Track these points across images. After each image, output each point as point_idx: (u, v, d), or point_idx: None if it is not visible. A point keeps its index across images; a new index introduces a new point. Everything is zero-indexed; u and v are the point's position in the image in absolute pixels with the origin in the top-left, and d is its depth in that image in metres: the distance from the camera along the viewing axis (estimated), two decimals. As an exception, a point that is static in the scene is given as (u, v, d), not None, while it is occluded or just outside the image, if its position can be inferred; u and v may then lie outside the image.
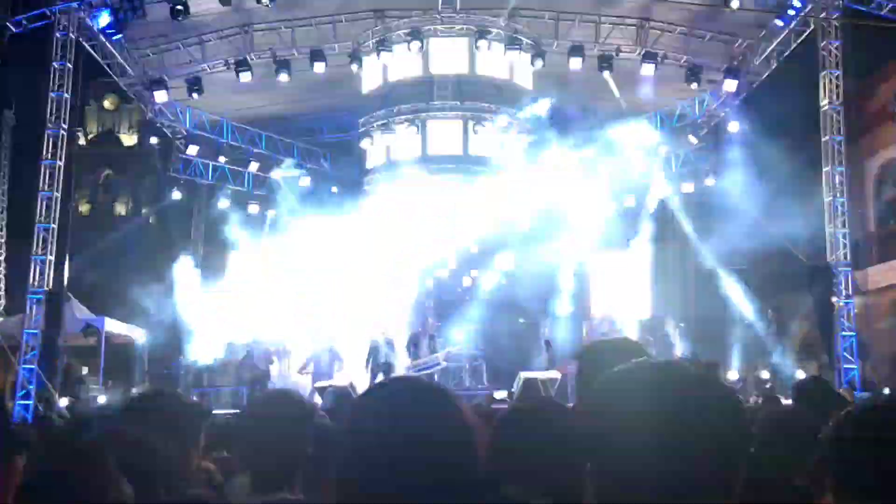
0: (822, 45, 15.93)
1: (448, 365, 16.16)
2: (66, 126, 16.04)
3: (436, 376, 15.52)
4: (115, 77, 18.80)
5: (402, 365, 15.89)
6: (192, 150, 20.86)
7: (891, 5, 16.06)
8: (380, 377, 14.87)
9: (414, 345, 15.97)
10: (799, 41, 17.38)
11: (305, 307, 19.23)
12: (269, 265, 20.05)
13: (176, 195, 21.79)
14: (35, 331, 15.06)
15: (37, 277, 15.37)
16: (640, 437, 1.25)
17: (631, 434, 1.26)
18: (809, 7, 16.44)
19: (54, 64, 15.82)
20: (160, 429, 2.55)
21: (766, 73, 18.48)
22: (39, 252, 15.47)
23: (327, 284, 19.88)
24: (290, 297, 19.33)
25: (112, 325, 18.89)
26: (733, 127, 18.96)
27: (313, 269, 20.27)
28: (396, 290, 18.83)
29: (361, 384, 14.36)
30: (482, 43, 18.79)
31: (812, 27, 16.48)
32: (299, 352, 18.35)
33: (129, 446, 2.15)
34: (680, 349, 17.34)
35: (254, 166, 22.02)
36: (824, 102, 15.84)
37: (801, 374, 16.15)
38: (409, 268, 19.52)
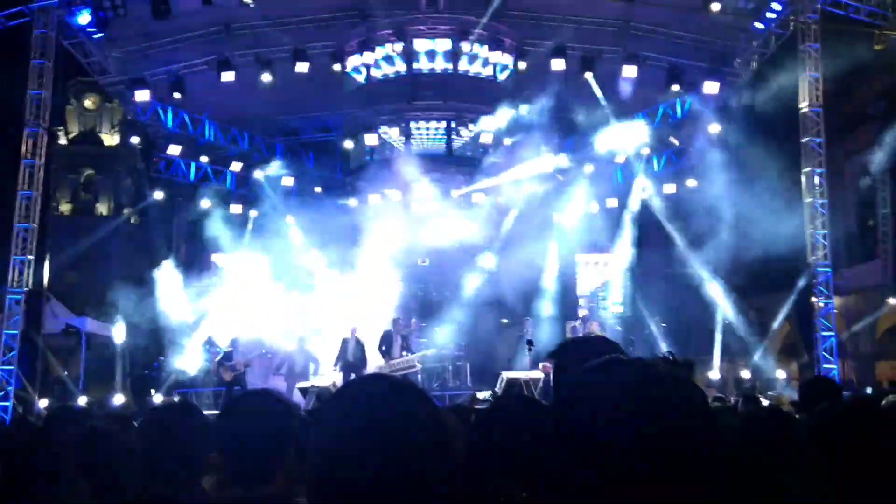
0: (802, 47, 16.07)
1: (424, 367, 16.01)
2: (45, 125, 15.90)
3: (419, 377, 15.47)
4: (95, 76, 18.66)
5: (374, 365, 15.68)
6: (174, 149, 20.73)
7: (868, 9, 16.26)
8: (351, 377, 14.78)
9: (386, 345, 15.73)
10: (779, 44, 17.54)
11: (288, 307, 19.18)
12: (251, 265, 19.97)
13: (157, 195, 21.66)
14: (14, 331, 14.92)
15: (16, 278, 15.23)
16: (607, 433, 1.26)
17: (598, 430, 1.27)
18: (788, 10, 16.60)
19: (33, 62, 15.66)
20: (180, 440, 2.56)
21: (747, 75, 18.62)
22: (19, 252, 15.33)
23: (310, 284, 19.85)
24: (273, 298, 19.27)
25: (92, 326, 18.77)
26: (714, 128, 19.09)
27: (297, 268, 20.23)
28: (381, 289, 18.80)
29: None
30: (465, 43, 18.82)
31: (791, 30, 16.63)
32: (278, 352, 18.28)
33: (98, 448, 2.14)
34: (662, 349, 17.45)
35: (236, 166, 21.92)
36: (804, 104, 15.98)
37: (781, 375, 16.29)
38: (393, 267, 19.52)
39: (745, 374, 16.02)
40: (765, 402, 9.72)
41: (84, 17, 16.43)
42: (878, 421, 1.80)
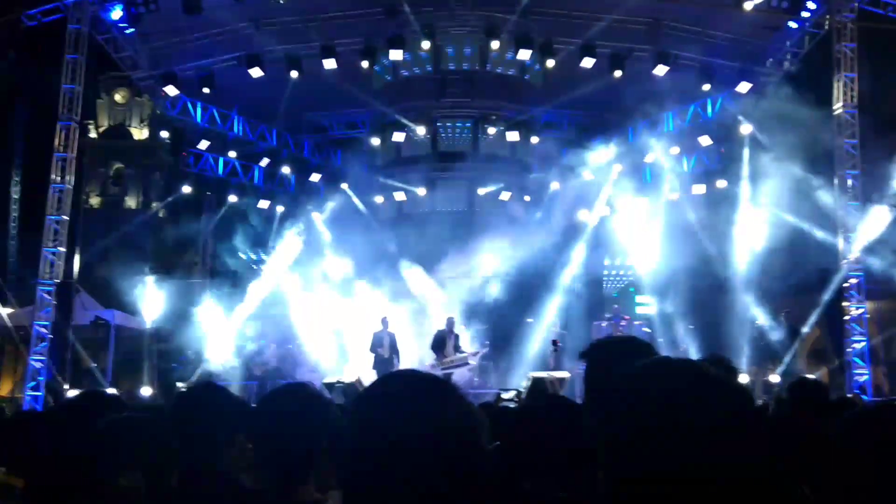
0: (837, 47, 15.79)
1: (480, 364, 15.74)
2: (77, 119, 16.10)
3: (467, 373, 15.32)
4: (126, 71, 18.85)
5: (426, 362, 15.42)
6: (203, 144, 20.91)
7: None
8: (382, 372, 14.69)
9: (439, 343, 15.27)
10: (813, 43, 17.26)
11: (318, 302, 19.22)
12: (279, 260, 20.04)
13: (186, 189, 21.85)
14: (45, 322, 15.12)
15: (47, 269, 15.43)
16: (658, 433, 1.25)
17: (648, 430, 1.26)
18: (824, 9, 16.32)
19: (67, 57, 15.87)
20: (208, 422, 2.55)
21: (780, 75, 18.35)
22: (50, 244, 15.53)
23: (339, 280, 19.88)
24: (302, 293, 19.33)
25: (121, 319, 18.96)
26: (745, 129, 18.84)
27: (324, 264, 20.27)
28: (407, 287, 18.80)
29: (369, 380, 14.27)
30: (494, 41, 18.74)
31: (826, 29, 16.35)
32: (309, 349, 18.33)
33: (139, 435, 2.14)
34: (691, 351, 17.31)
35: (264, 161, 22.05)
36: (838, 105, 15.72)
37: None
38: (419, 266, 19.50)
39: (774, 378, 15.78)
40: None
41: (116, 13, 16.64)
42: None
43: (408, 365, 15.33)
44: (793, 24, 17.28)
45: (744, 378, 16.24)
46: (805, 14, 16.80)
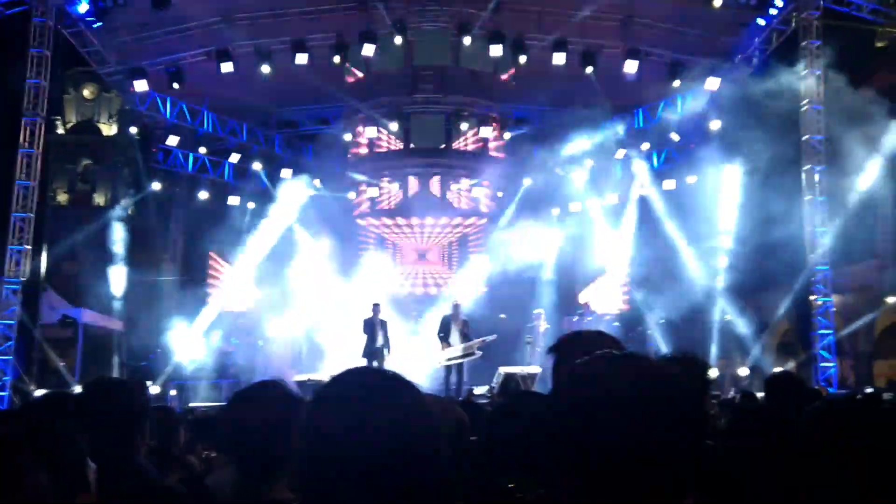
0: (803, 44, 16.02)
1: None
2: (43, 114, 15.83)
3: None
4: (94, 66, 18.58)
5: (431, 352, 15.06)
6: (172, 140, 20.67)
7: (871, 7, 16.20)
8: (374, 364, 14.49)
9: (444, 331, 14.54)
10: (780, 40, 17.50)
11: (291, 300, 19.14)
12: (249, 256, 19.91)
13: (155, 186, 21.59)
14: (11, 321, 14.89)
15: (13, 268, 15.19)
16: (595, 426, 1.28)
17: (587, 424, 1.29)
18: (790, 6, 16.55)
19: (31, 51, 15.58)
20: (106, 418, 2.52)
21: (749, 71, 18.57)
22: (16, 242, 15.29)
23: (310, 275, 19.82)
24: (272, 288, 19.22)
25: (90, 317, 18.73)
26: (715, 124, 19.03)
27: (298, 259, 20.18)
28: (378, 281, 18.77)
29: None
30: (466, 36, 18.75)
31: (793, 26, 16.58)
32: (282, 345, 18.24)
33: (51, 438, 2.10)
34: (660, 344, 17.48)
35: (234, 157, 21.86)
36: (805, 102, 15.94)
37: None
38: (390, 260, 19.45)
39: (743, 371, 16.01)
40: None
41: (83, 6, 16.37)
42: (876, 420, 1.78)
43: (404, 354, 15.00)
44: (761, 21, 17.49)
45: (713, 372, 16.46)
46: (772, 11, 17.02)
